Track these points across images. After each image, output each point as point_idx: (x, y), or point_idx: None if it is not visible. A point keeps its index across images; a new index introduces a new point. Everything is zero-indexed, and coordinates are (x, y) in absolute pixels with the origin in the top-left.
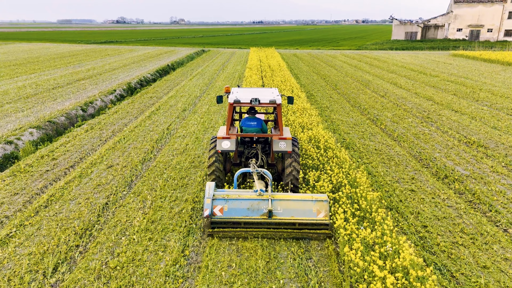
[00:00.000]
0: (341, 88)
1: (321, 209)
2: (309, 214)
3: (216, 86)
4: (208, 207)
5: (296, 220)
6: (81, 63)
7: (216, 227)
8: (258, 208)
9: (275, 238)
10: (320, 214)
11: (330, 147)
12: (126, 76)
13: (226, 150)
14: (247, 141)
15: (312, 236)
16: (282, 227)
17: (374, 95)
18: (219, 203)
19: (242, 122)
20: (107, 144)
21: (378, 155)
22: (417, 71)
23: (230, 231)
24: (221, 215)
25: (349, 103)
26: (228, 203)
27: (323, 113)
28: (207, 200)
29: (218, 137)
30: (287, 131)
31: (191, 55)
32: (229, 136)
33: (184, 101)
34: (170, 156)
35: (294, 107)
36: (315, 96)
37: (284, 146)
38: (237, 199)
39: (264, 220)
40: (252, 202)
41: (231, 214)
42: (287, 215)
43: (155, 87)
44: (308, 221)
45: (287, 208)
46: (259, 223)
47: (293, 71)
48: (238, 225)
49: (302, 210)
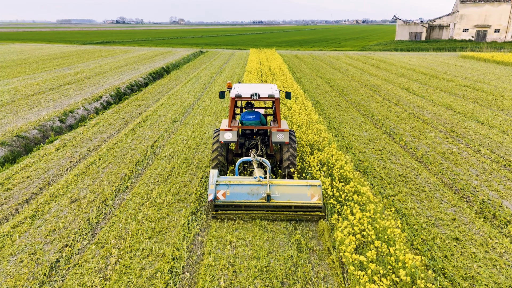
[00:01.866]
0: (348, 94)
1: (315, 193)
2: (304, 198)
3: (212, 92)
4: (212, 192)
5: (292, 203)
6: (71, 65)
7: (219, 210)
8: (257, 192)
9: (273, 220)
10: (314, 197)
11: (348, 177)
12: (116, 80)
13: (228, 141)
14: (247, 133)
15: (307, 218)
16: (279, 209)
17: (386, 103)
18: (222, 188)
19: (242, 116)
20: (77, 168)
21: (404, 184)
22: (427, 74)
23: (232, 213)
24: (224, 199)
25: (360, 112)
26: (230, 188)
27: (332, 125)
28: (211, 186)
29: (221, 129)
30: (285, 124)
31: (188, 56)
32: (231, 128)
33: (175, 110)
34: (150, 185)
35: (299, 119)
36: (321, 104)
37: (282, 137)
38: (238, 184)
39: (263, 203)
40: (252, 187)
41: (233, 198)
42: (284, 199)
43: (145, 93)
44: (303, 204)
45: (284, 193)
46: (258, 206)
47: (296, 74)
48: (239, 208)
49: (297, 194)
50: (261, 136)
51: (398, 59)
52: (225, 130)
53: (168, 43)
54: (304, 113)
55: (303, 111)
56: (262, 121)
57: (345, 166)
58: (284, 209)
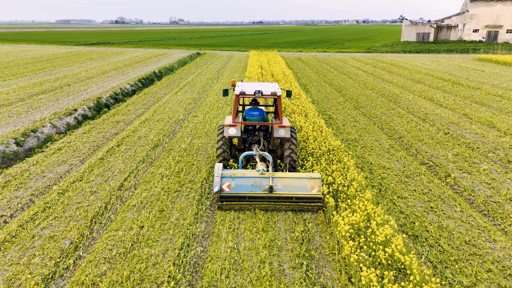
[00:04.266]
0: (364, 106)
1: (315, 185)
2: (304, 189)
3: (207, 104)
4: (217, 184)
5: (293, 195)
6: (55, 70)
7: (224, 201)
8: (260, 184)
9: (275, 210)
10: (314, 189)
11: (406, 265)
12: (99, 87)
13: (232, 136)
14: (250, 129)
15: (307, 208)
16: (281, 200)
17: (413, 118)
18: (227, 181)
19: (246, 113)
20: (6, 229)
21: (477, 260)
22: (448, 80)
23: (237, 204)
24: (228, 191)
25: (383, 131)
26: (235, 181)
27: (353, 151)
28: (216, 178)
29: (225, 124)
30: (286, 121)
31: (184, 59)
32: (235, 124)
33: (159, 128)
34: (101, 267)
35: (315, 146)
36: (335, 119)
37: (283, 133)
38: (242, 177)
39: (266, 194)
40: (255, 180)
41: (238, 189)
42: (285, 191)
43: (129, 105)
44: (303, 195)
45: (285, 185)
46: (261, 197)
47: (301, 80)
48: (243, 199)
49: (298, 186)
50: (263, 132)
51: (410, 62)
52: (229, 125)
53: (165, 44)
54: (319, 136)
55: (317, 133)
56: (264, 118)
57: (394, 241)
58: (285, 200)
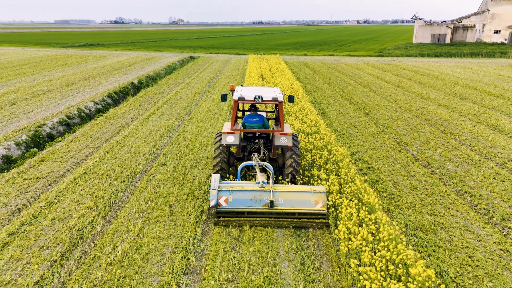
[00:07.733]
0: (411, 142)
1: (319, 200)
2: (307, 204)
3: (187, 136)
4: (214, 197)
5: (295, 210)
6: (13, 79)
7: (221, 216)
8: (260, 199)
9: (276, 227)
10: (318, 204)
11: None
12: (52, 107)
13: (230, 144)
14: (250, 136)
15: (311, 225)
16: (282, 216)
17: (493, 167)
18: (224, 194)
19: (245, 119)
20: None
21: None
22: (500, 96)
23: (234, 220)
24: (226, 205)
25: (445, 185)
26: (232, 194)
27: (412, 235)
28: (213, 191)
29: (223, 132)
30: (288, 128)
31: (173, 64)
32: (234, 131)
33: (102, 190)
34: None
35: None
36: (375, 170)
37: (285, 141)
38: (241, 190)
39: (266, 210)
40: (255, 193)
41: (235, 204)
42: (287, 206)
43: (76, 138)
44: (307, 211)
45: (287, 199)
46: (261, 213)
47: (312, 95)
48: (242, 214)
49: (301, 200)
50: (263, 139)
51: (436, 69)
52: (227, 133)
53: (158, 46)
54: (359, 206)
55: (355, 211)
56: (265, 125)
57: None
58: (287, 216)
